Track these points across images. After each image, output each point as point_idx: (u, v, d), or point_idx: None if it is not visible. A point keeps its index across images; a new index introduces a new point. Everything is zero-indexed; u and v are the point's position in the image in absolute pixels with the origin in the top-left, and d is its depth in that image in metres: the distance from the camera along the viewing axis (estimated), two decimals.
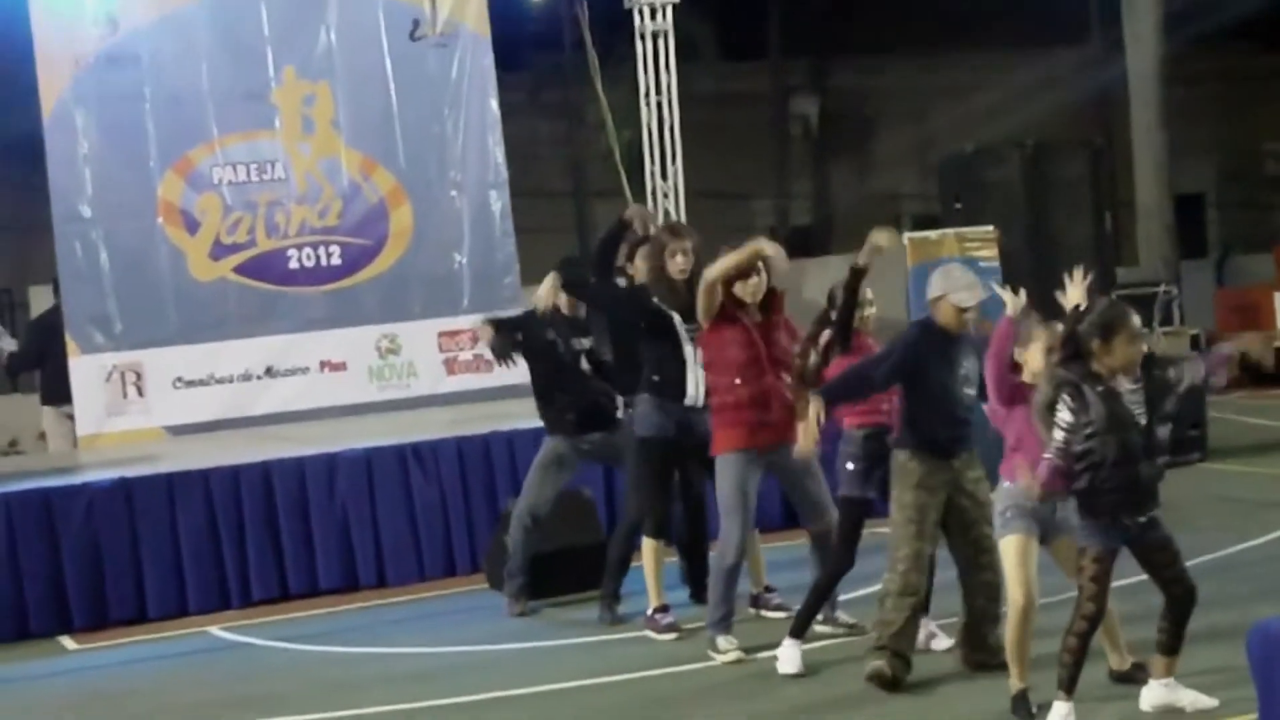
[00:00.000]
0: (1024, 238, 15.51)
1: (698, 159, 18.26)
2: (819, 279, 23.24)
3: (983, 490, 8.93)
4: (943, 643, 9.46)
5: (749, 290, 9.58)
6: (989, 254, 14.70)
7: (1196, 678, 8.09)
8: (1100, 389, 7.62)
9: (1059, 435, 7.65)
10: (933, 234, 15.11)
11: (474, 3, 16.51)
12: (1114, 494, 7.65)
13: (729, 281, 9.58)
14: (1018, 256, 15.24)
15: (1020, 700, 8.08)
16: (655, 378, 10.32)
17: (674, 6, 17.24)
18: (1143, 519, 7.74)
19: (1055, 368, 7.80)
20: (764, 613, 10.60)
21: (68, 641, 11.90)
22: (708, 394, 9.99)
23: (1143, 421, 7.72)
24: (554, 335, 11.32)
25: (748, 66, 31.85)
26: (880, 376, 8.80)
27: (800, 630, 9.39)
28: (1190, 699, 7.93)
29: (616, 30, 18.19)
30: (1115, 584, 7.99)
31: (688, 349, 10.20)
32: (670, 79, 17.22)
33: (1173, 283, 21.96)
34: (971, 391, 8.75)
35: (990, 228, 14.75)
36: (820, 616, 9.94)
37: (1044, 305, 15.52)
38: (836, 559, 9.49)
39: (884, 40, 30.69)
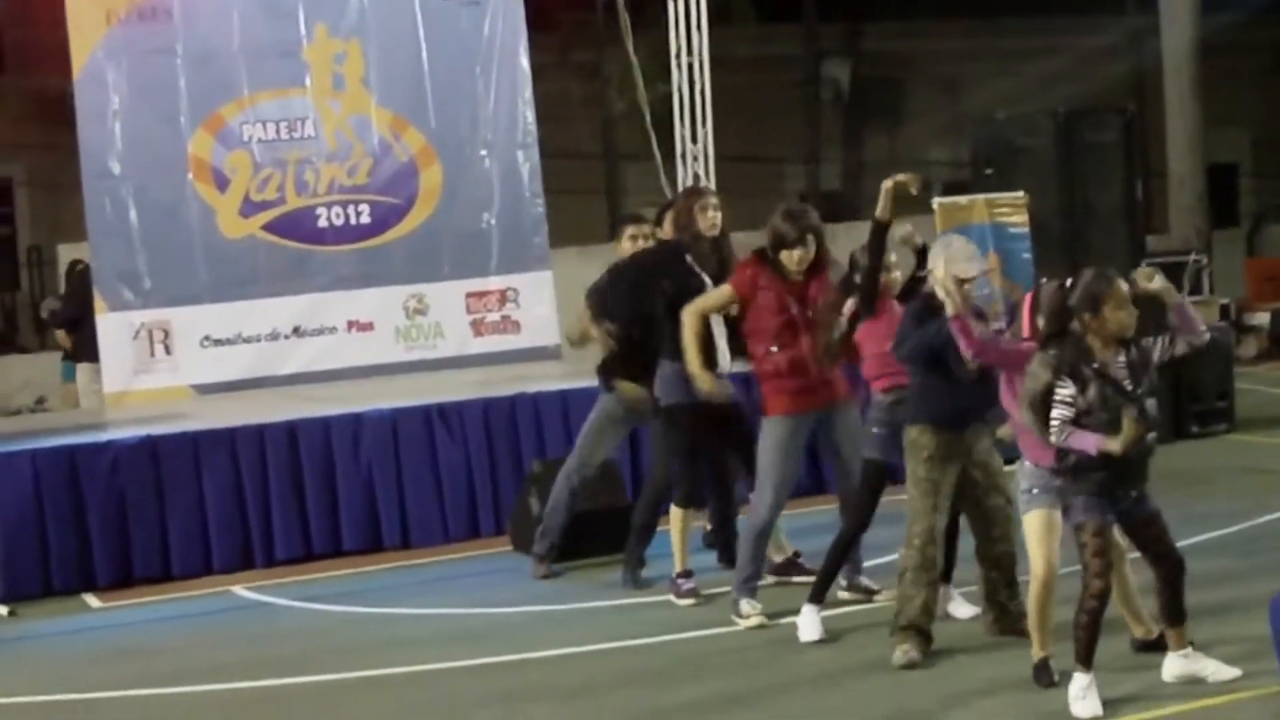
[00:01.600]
0: (1055, 204, 15.40)
1: (729, 122, 18.18)
2: (848, 244, 23.21)
3: (995, 460, 8.95)
4: (964, 610, 9.45)
5: (795, 260, 9.55)
6: (1019, 220, 14.60)
7: (1221, 648, 8.09)
8: (1094, 366, 7.60)
9: (1061, 418, 7.61)
10: (962, 199, 14.98)
11: None
12: (1105, 469, 7.63)
13: (776, 249, 9.56)
14: (1048, 223, 15.15)
15: (1041, 668, 8.09)
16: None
17: None
18: (1134, 493, 7.74)
19: (1046, 351, 7.76)
20: (795, 578, 10.53)
21: (92, 599, 11.92)
22: (747, 359, 9.97)
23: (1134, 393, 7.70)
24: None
25: (781, 29, 31.71)
26: (901, 354, 8.79)
27: (819, 595, 9.39)
28: (1213, 669, 7.93)
29: None
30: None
31: (715, 317, 10.17)
32: (701, 40, 17.10)
33: (1203, 252, 21.85)
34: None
35: (1021, 193, 14.64)
36: (844, 582, 9.95)
37: (1073, 272, 15.51)
38: (853, 519, 9.49)
39: (918, 5, 30.54)
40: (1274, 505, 11.77)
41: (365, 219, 15.74)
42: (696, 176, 17.02)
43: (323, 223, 15.62)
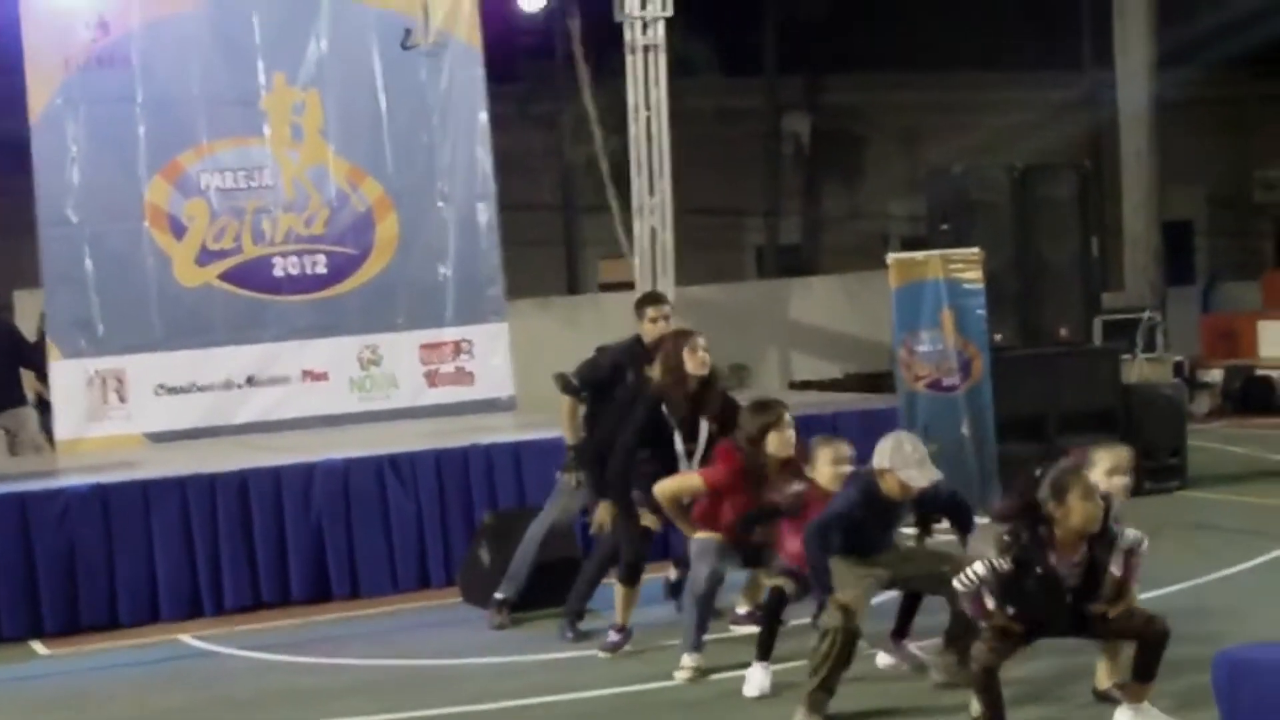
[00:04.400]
0: (1010, 260, 15.49)
1: (690, 175, 18.27)
2: (803, 300, 23.39)
3: (918, 548, 9.37)
4: (884, 660, 9.54)
5: (782, 443, 9.69)
6: (974, 276, 14.64)
7: (1167, 701, 8.12)
8: (1042, 567, 7.59)
9: (978, 577, 7.67)
10: (918, 255, 15.04)
11: (466, 13, 16.49)
12: (1034, 623, 7.77)
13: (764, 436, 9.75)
14: (1003, 278, 15.23)
15: None
16: (647, 459, 10.43)
17: (666, 22, 17.24)
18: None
19: (1006, 536, 7.76)
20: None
21: (39, 646, 11.85)
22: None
23: (1068, 599, 7.74)
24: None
25: (742, 83, 31.87)
26: (834, 537, 8.91)
27: (764, 653, 9.41)
28: None
29: (610, 44, 18.19)
30: None
31: (683, 461, 10.37)
32: (660, 94, 17.21)
33: (1158, 309, 21.97)
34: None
35: (975, 249, 14.70)
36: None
37: (1027, 327, 15.60)
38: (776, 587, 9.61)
39: (878, 60, 30.72)
40: (1225, 561, 11.83)
41: (321, 269, 15.78)
42: (654, 230, 17.10)
43: (279, 272, 15.66)
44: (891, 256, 15.07)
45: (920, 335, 14.74)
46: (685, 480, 10.12)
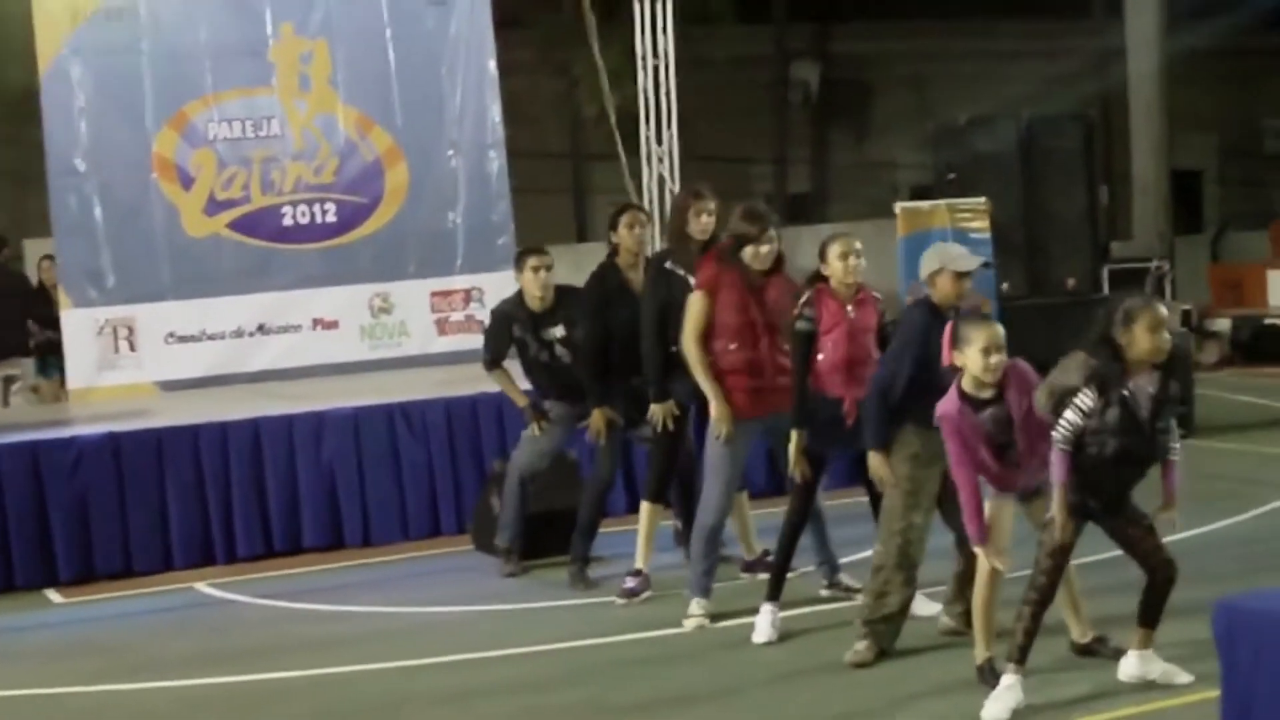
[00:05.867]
0: (1016, 210, 15.54)
1: (699, 123, 18.25)
2: (813, 248, 23.31)
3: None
4: (927, 608, 9.50)
5: (760, 258, 9.61)
6: (980, 225, 14.68)
7: (1172, 650, 8.16)
8: (1125, 391, 7.67)
9: (1072, 423, 7.69)
10: (924, 204, 15.10)
11: None
12: (1089, 486, 7.74)
13: (739, 246, 9.63)
14: (1010, 228, 15.28)
15: (985, 670, 8.15)
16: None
17: None
18: (1107, 507, 7.85)
19: (1088, 356, 7.82)
20: (763, 575, 10.58)
21: (53, 594, 11.97)
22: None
23: (1145, 429, 7.78)
24: (520, 332, 11.46)
25: (751, 31, 31.79)
26: (905, 374, 8.76)
27: (774, 593, 9.44)
28: (1162, 671, 8.02)
29: None
30: (1089, 559, 8.07)
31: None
32: (667, 43, 17.19)
33: (1166, 258, 22.01)
34: None
35: (982, 199, 14.73)
36: (825, 581, 10.06)
37: (1034, 277, 15.65)
38: (794, 511, 9.53)
39: (887, 8, 30.66)
40: (1232, 510, 11.89)
41: (331, 218, 15.82)
42: (662, 178, 17.10)
43: (288, 221, 15.70)
44: (899, 206, 15.11)
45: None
46: (692, 309, 9.77)
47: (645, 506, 10.60)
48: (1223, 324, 22.59)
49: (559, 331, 11.38)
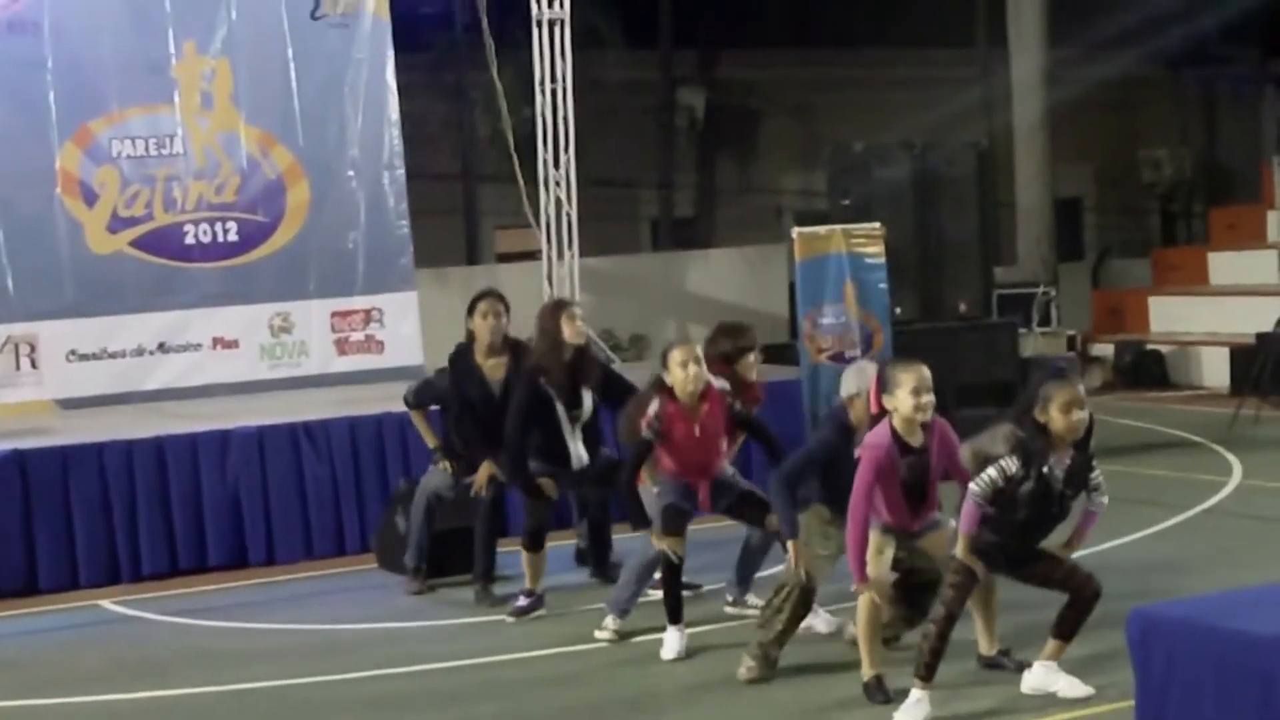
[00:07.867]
0: (910, 235, 15.80)
1: (590, 146, 18.39)
2: (700, 272, 23.61)
3: None
4: (823, 627, 9.74)
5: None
6: (875, 250, 14.87)
7: (1067, 664, 8.41)
8: (1045, 468, 7.93)
9: (992, 480, 7.95)
10: (821, 229, 15.27)
11: None
12: (998, 546, 8.04)
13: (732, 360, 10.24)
14: (903, 253, 15.51)
15: (872, 687, 8.39)
16: (539, 447, 10.71)
17: None
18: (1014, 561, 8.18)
19: (1014, 429, 8.07)
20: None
21: None
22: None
23: (1055, 506, 8.08)
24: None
25: (638, 56, 31.95)
26: (809, 479, 9.02)
27: (675, 615, 9.64)
28: (1065, 684, 8.27)
29: (513, 15, 18.30)
30: None
31: (565, 425, 10.69)
32: (565, 67, 17.34)
33: (1051, 284, 22.41)
34: None
35: (877, 224, 14.96)
36: (730, 598, 10.27)
37: (927, 301, 15.89)
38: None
39: (772, 35, 30.92)
40: (1118, 532, 12.10)
41: (232, 236, 15.87)
42: (559, 201, 17.25)
43: (190, 240, 15.73)
44: (796, 230, 15.27)
45: (823, 308, 14.95)
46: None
47: (525, 555, 10.75)
48: (1106, 349, 23.06)
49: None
